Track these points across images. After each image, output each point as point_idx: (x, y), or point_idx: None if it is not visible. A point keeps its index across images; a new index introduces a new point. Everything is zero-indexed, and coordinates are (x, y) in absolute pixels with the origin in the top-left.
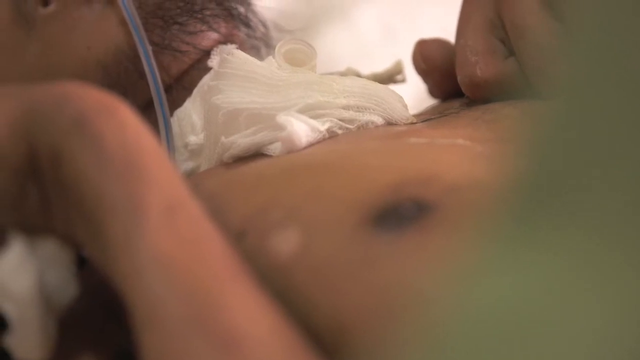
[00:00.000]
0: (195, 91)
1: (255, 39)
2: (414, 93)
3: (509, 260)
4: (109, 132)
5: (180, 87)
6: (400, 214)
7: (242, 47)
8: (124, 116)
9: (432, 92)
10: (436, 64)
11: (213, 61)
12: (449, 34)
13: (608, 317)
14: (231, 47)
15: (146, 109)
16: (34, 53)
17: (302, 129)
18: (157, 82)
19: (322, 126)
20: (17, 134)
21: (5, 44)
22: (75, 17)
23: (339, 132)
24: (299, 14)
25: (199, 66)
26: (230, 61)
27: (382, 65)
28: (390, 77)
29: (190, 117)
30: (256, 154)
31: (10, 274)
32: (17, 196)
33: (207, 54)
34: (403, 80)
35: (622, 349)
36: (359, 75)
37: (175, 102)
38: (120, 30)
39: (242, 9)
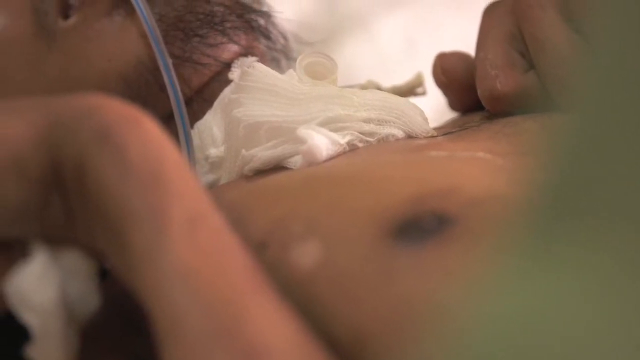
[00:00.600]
0: (216, 103)
1: (276, 51)
2: (434, 106)
3: (528, 274)
4: (133, 144)
5: (200, 99)
6: (420, 226)
7: (262, 60)
8: (148, 128)
9: (453, 105)
10: (456, 77)
11: (234, 74)
12: (470, 46)
13: (625, 334)
14: (252, 60)
15: (167, 121)
16: (54, 65)
17: (323, 142)
18: (178, 94)
19: (343, 139)
20: (41, 145)
21: (26, 57)
22: (95, 29)
23: (360, 145)
24: (320, 25)
25: (219, 78)
26: (251, 74)
27: (402, 78)
28: (410, 89)
29: (210, 130)
30: (277, 167)
31: (33, 284)
32: (40, 207)
33: (227, 66)
34: (424, 93)
35: None
36: (379, 87)
37: (196, 115)
38: (141, 42)
39: (262, 21)
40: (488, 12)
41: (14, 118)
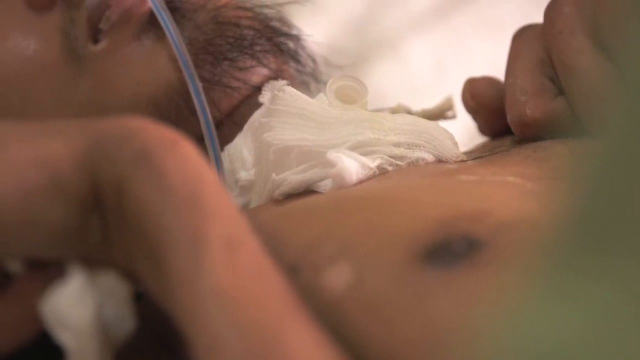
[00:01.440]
0: (246, 127)
1: (305, 74)
2: (464, 129)
3: (558, 298)
4: (172, 166)
5: (230, 122)
6: (451, 250)
7: (291, 83)
8: (187, 151)
9: (482, 129)
10: (485, 102)
11: (264, 97)
12: (499, 69)
13: None
14: (282, 83)
15: (197, 144)
16: (84, 90)
17: (353, 166)
18: (208, 118)
19: (373, 163)
20: (81, 167)
21: (55, 82)
22: (125, 53)
23: (390, 168)
24: (350, 49)
25: (249, 102)
26: (281, 98)
27: (432, 101)
28: (440, 113)
29: (240, 153)
30: (307, 191)
31: (70, 304)
32: (79, 228)
33: (257, 89)
34: (454, 117)
35: None
36: (409, 111)
37: (226, 138)
38: (171, 66)
39: (291, 44)
40: (517, 37)
41: (55, 139)
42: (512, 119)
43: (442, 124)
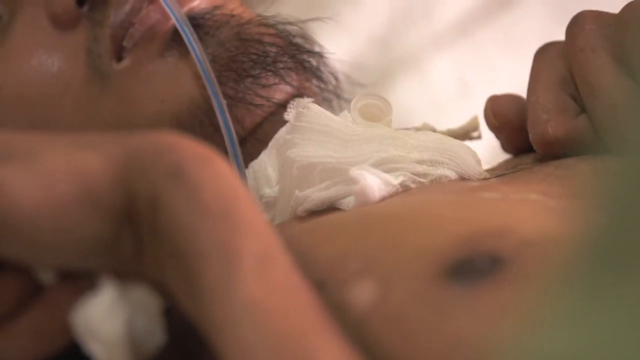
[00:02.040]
0: (271, 144)
1: (327, 91)
2: (488, 147)
3: (581, 316)
4: (206, 182)
5: (254, 139)
6: (474, 267)
7: (315, 100)
8: (220, 167)
9: (505, 147)
10: (507, 120)
11: (289, 114)
12: (523, 87)
13: None
14: (307, 101)
15: None
16: (108, 108)
17: (376, 183)
18: (232, 135)
19: (396, 180)
20: (117, 180)
21: (80, 100)
22: (149, 71)
23: (412, 186)
24: (373, 66)
25: (273, 119)
26: (306, 115)
27: (456, 118)
28: (466, 133)
29: (265, 170)
30: (330, 208)
31: (101, 316)
32: (112, 241)
33: (281, 106)
34: (479, 137)
35: None
36: (434, 130)
37: (250, 155)
38: (195, 83)
39: (314, 62)
40: (539, 55)
41: (90, 152)
42: (534, 137)
43: (467, 143)
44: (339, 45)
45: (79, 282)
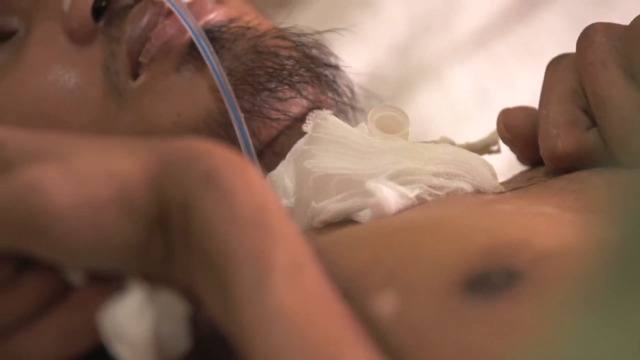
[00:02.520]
0: (288, 155)
1: (343, 104)
2: (506, 160)
3: (597, 331)
4: (239, 188)
5: (271, 152)
6: (490, 281)
7: (328, 109)
8: (252, 175)
9: (521, 159)
10: (519, 133)
11: (307, 126)
12: None
13: None
14: (325, 112)
15: None
16: (125, 123)
17: (392, 196)
18: (250, 148)
19: (412, 193)
20: (150, 184)
21: (97, 116)
22: (165, 85)
23: (429, 198)
24: (392, 77)
25: (290, 132)
26: (323, 126)
27: (475, 129)
28: (485, 147)
29: (282, 181)
30: (345, 220)
31: (128, 318)
32: (143, 245)
33: (297, 120)
34: (498, 151)
35: None
36: (452, 144)
37: (267, 167)
38: (211, 96)
39: (330, 75)
40: (551, 67)
41: (124, 155)
42: (544, 152)
43: (486, 156)
44: (357, 56)
45: (107, 283)
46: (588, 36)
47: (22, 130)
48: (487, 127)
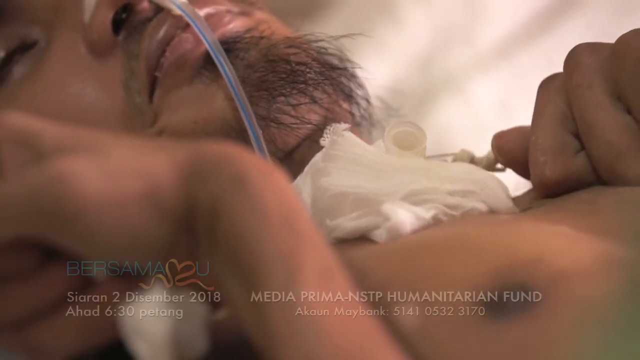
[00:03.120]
0: (307, 168)
1: (359, 111)
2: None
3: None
4: (269, 193)
5: (290, 161)
6: (508, 302)
7: (345, 119)
8: (281, 180)
9: (524, 176)
10: (513, 156)
11: (325, 140)
12: None
13: None
14: (343, 127)
15: None
16: (145, 137)
17: (407, 218)
18: (264, 154)
19: (427, 214)
20: (181, 184)
21: (118, 131)
22: (178, 98)
23: (444, 219)
24: (415, 88)
25: (308, 143)
26: (340, 143)
27: None
28: (489, 163)
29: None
30: (360, 238)
31: (149, 316)
32: (168, 243)
33: (316, 128)
34: (503, 170)
35: None
36: (473, 157)
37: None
38: (226, 104)
39: (345, 80)
40: (543, 88)
41: (158, 155)
42: (533, 179)
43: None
44: (379, 67)
45: (130, 280)
46: (574, 58)
47: (59, 123)
48: None
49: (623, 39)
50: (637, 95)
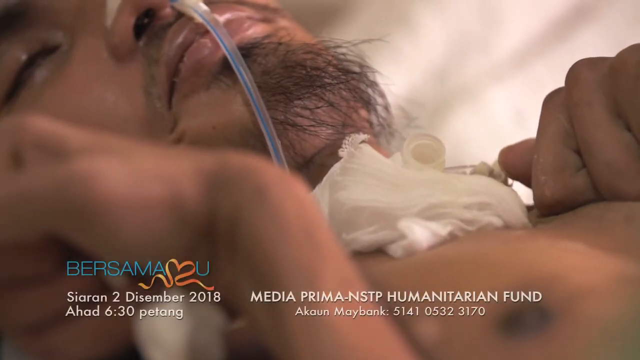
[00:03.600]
0: (325, 179)
1: (378, 119)
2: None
3: None
4: (289, 204)
5: (309, 168)
6: (524, 321)
7: (361, 124)
8: (301, 191)
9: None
10: (519, 172)
11: (344, 152)
12: None
13: None
14: (361, 138)
15: None
16: (165, 143)
17: (424, 235)
18: (280, 157)
19: (444, 230)
20: (203, 192)
21: (138, 137)
22: (196, 103)
23: (460, 234)
24: (430, 98)
25: (328, 150)
26: (357, 156)
27: None
28: (490, 172)
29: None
30: (376, 251)
31: (166, 325)
32: (188, 252)
33: (333, 139)
34: (510, 185)
35: None
36: (492, 170)
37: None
38: (245, 109)
39: (362, 86)
40: (546, 104)
41: (183, 162)
42: (534, 199)
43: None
44: (395, 77)
45: (147, 287)
46: (573, 74)
47: (82, 129)
48: None
49: (620, 55)
50: (635, 112)
